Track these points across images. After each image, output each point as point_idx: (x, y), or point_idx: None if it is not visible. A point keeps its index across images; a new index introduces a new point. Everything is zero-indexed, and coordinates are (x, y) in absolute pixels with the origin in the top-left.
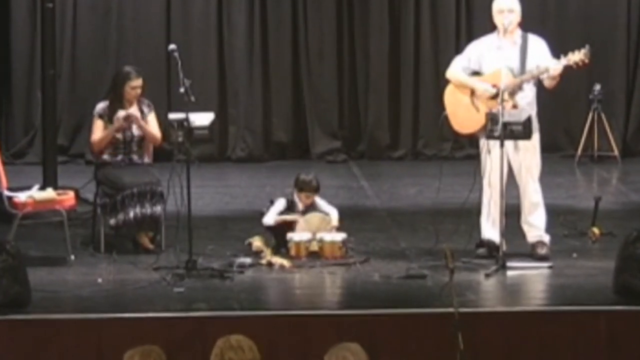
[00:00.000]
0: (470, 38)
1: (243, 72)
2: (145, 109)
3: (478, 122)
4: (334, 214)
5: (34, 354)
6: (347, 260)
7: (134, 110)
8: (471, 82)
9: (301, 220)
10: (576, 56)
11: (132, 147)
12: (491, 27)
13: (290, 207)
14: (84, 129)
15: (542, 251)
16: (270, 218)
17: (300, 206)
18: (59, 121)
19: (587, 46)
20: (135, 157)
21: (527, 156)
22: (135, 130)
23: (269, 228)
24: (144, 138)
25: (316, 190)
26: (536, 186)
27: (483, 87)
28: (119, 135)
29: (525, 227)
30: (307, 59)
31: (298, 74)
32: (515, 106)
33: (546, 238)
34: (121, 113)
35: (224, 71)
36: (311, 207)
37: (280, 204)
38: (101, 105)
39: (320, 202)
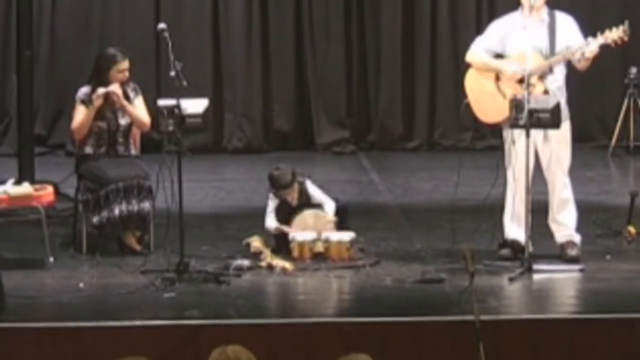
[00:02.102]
0: (492, 16)
1: (240, 54)
2: (131, 93)
3: (504, 110)
4: (328, 206)
5: None
6: (355, 263)
7: (115, 87)
8: (497, 64)
9: (295, 222)
10: (614, 34)
11: (118, 137)
12: (515, 4)
13: (282, 204)
14: (64, 117)
15: (573, 252)
16: (271, 221)
17: (291, 202)
18: (36, 108)
19: (626, 22)
20: (120, 149)
21: (556, 147)
22: (121, 119)
23: (275, 236)
24: (130, 128)
25: (289, 184)
26: (566, 180)
27: (512, 68)
28: (103, 125)
29: (553, 226)
30: (311, 39)
31: (301, 55)
32: (546, 91)
33: (577, 238)
34: (100, 90)
35: (219, 52)
36: (304, 198)
37: (272, 203)
38: (84, 90)
39: (312, 190)
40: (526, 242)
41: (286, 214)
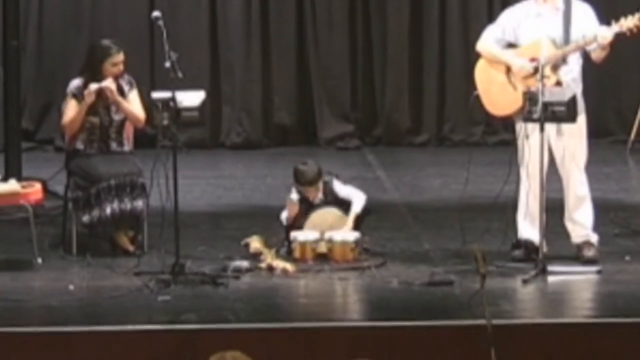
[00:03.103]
0: (505, 4)
1: (239, 43)
2: (126, 87)
3: (514, 103)
4: (357, 200)
5: None
6: (360, 264)
7: (109, 82)
8: (506, 56)
9: (314, 215)
10: (629, 21)
11: (110, 133)
12: None
13: (302, 201)
14: (53, 110)
15: (589, 253)
16: (286, 215)
17: (312, 200)
18: (24, 101)
19: None
20: (113, 145)
21: (571, 142)
22: (114, 115)
23: (287, 229)
24: (124, 124)
25: (313, 181)
26: (582, 177)
27: (519, 63)
28: (95, 120)
29: (569, 225)
30: (314, 27)
31: (303, 45)
32: (559, 83)
33: (594, 238)
34: (93, 86)
35: (217, 42)
36: (329, 198)
37: (293, 196)
38: (75, 83)
39: (339, 188)
40: (540, 243)
41: (305, 211)
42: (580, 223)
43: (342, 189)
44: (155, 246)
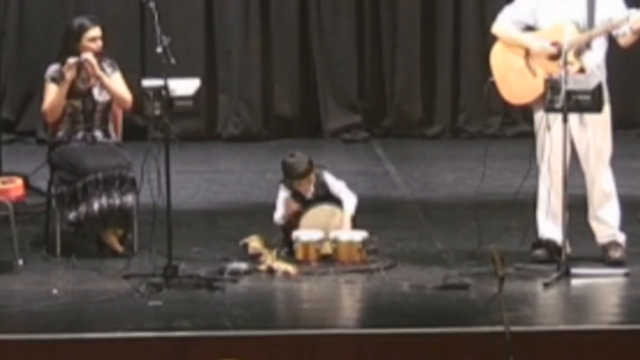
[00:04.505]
0: None
1: (237, 27)
2: (108, 69)
3: (534, 90)
4: (348, 202)
5: None
6: (368, 266)
7: (88, 56)
8: (525, 39)
9: (306, 215)
10: None
11: (95, 119)
12: None
13: (295, 196)
14: (35, 100)
15: (616, 254)
16: (279, 214)
17: (305, 194)
18: (3, 90)
19: None
20: (99, 135)
21: (597, 134)
22: (98, 96)
23: (283, 228)
24: (109, 107)
25: (304, 174)
26: (607, 173)
27: (540, 44)
28: (78, 103)
29: (593, 224)
30: (317, 10)
31: (306, 29)
32: (582, 69)
33: (621, 238)
34: (72, 59)
35: (213, 25)
36: (321, 191)
37: (283, 194)
38: (53, 68)
39: (331, 182)
40: (563, 243)
41: (299, 208)
42: (606, 222)
43: (334, 184)
44: (146, 246)
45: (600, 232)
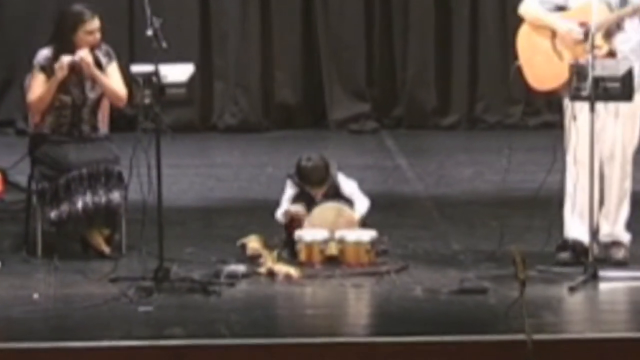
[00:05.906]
0: None
1: (234, 8)
2: (103, 59)
3: (560, 75)
4: (360, 206)
5: None
6: (377, 269)
7: (84, 54)
8: (551, 19)
9: (311, 215)
10: None
11: (83, 114)
12: None
13: (302, 196)
14: (14, 86)
15: (619, 254)
16: (282, 212)
17: (315, 196)
18: None
19: None
20: (86, 129)
21: (626, 125)
22: (89, 92)
23: (285, 227)
24: (99, 103)
25: (322, 182)
26: (629, 168)
27: (566, 26)
28: (67, 98)
29: (602, 221)
30: None
31: (310, 10)
32: (612, 53)
33: (626, 238)
34: (66, 59)
35: (208, 6)
36: (331, 191)
37: (290, 191)
38: (44, 53)
39: (343, 183)
40: (590, 244)
41: (306, 206)
42: (617, 221)
43: (346, 185)
44: (135, 247)
45: (605, 230)
